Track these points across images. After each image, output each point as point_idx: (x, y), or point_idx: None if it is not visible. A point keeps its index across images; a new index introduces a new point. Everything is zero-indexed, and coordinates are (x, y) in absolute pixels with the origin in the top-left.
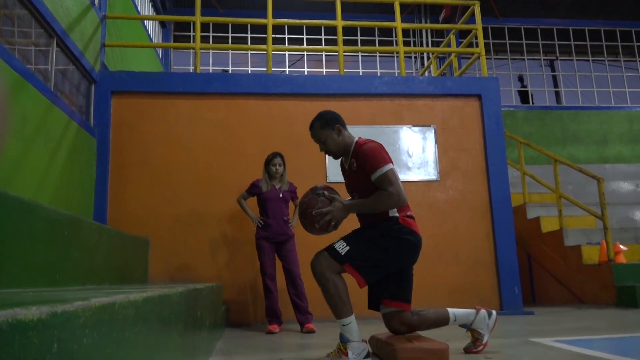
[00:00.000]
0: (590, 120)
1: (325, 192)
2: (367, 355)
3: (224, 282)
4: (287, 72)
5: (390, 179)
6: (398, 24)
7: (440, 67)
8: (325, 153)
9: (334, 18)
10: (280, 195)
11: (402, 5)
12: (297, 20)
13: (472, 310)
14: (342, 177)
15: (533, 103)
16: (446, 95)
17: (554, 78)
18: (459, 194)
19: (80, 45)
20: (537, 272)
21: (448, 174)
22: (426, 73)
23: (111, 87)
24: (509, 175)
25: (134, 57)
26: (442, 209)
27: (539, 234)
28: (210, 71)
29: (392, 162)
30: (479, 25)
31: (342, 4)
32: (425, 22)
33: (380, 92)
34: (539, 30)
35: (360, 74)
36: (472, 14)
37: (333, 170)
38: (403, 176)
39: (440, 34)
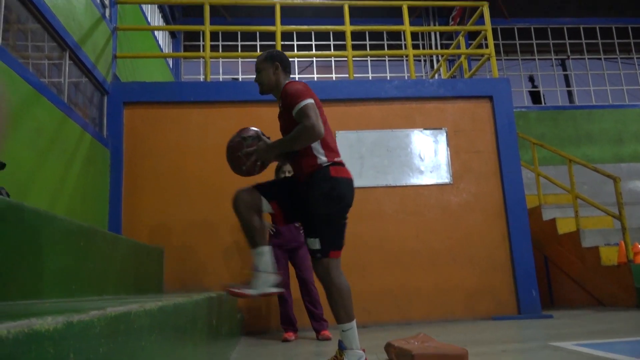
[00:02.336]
0: (604, 119)
1: (252, 134)
2: (274, 286)
3: None
4: (297, 79)
5: (306, 112)
6: (407, 28)
7: (450, 69)
8: (257, 85)
9: (342, 23)
10: None
11: (410, 9)
12: (305, 27)
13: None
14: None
15: (545, 103)
16: (457, 97)
17: (566, 77)
18: (472, 197)
19: (92, 57)
20: (554, 275)
21: (461, 177)
22: (436, 76)
23: (123, 98)
24: (523, 176)
25: (145, 68)
26: (455, 212)
27: (555, 236)
28: (221, 80)
29: (313, 99)
30: (488, 26)
31: (350, 9)
32: (434, 25)
33: (390, 95)
34: (549, 30)
35: (370, 78)
36: (481, 15)
37: None
38: (415, 180)
39: (449, 36)
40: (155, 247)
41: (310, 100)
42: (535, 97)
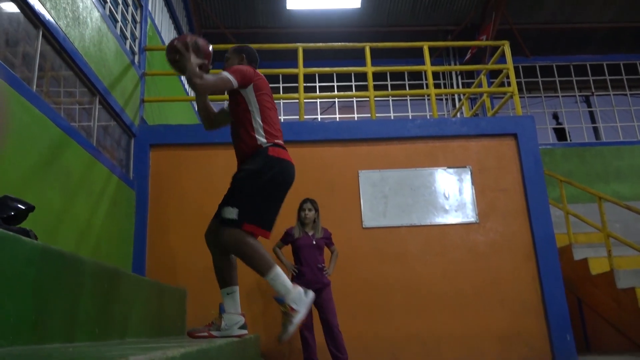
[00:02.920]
0: (634, 155)
1: (189, 42)
2: (243, 327)
3: (260, 333)
4: (319, 119)
5: (217, 76)
6: (428, 68)
7: (471, 108)
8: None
9: (364, 64)
10: (314, 242)
11: (430, 49)
12: (327, 69)
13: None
14: (377, 223)
15: (570, 140)
16: (481, 135)
17: (591, 114)
18: (500, 236)
19: (121, 101)
20: (589, 318)
21: (487, 216)
22: (458, 114)
23: (150, 141)
24: (551, 215)
25: (171, 110)
26: (483, 253)
27: (588, 276)
28: None
29: (236, 75)
30: (510, 65)
31: (371, 50)
32: (454, 64)
33: (413, 135)
34: (571, 67)
35: (392, 117)
36: (502, 54)
37: (369, 215)
38: (440, 219)
39: (470, 74)
40: (178, 289)
41: (227, 73)
42: (561, 134)
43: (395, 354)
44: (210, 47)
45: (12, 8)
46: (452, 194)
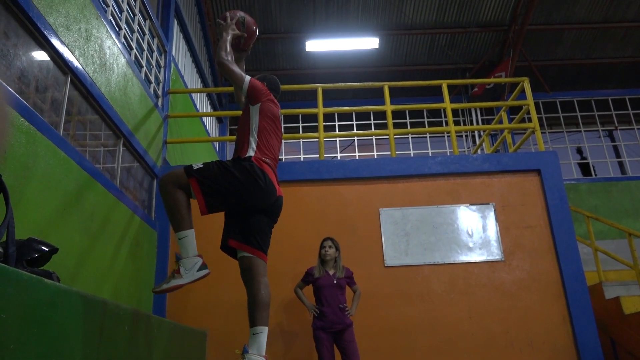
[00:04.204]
0: None
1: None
2: (202, 268)
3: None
4: (339, 158)
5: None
6: (447, 105)
7: (493, 145)
8: None
9: (382, 103)
10: (335, 282)
11: (449, 86)
12: (346, 108)
13: None
14: (400, 261)
15: (596, 175)
16: (503, 171)
17: (615, 148)
18: (526, 275)
19: (144, 143)
20: (623, 359)
21: (513, 254)
22: (479, 151)
23: None
24: (580, 252)
25: (193, 151)
26: (510, 291)
27: (620, 316)
28: None
29: (253, 83)
30: (530, 101)
31: (390, 88)
32: (473, 101)
33: (434, 172)
34: (592, 102)
35: (412, 154)
36: (522, 91)
37: (390, 254)
38: (464, 257)
39: (489, 111)
40: (199, 330)
41: (246, 77)
42: (585, 169)
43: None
44: (256, 28)
45: (42, 56)
46: (476, 231)
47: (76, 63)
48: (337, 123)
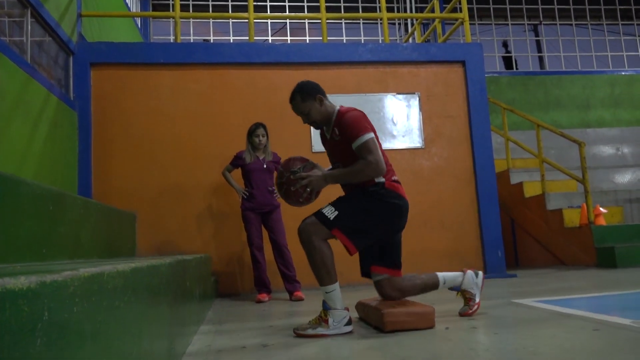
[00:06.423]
0: (573, 85)
1: (299, 165)
2: (349, 323)
3: (212, 254)
4: (270, 41)
5: (369, 147)
6: None
7: (424, 33)
8: (309, 124)
9: None
10: (264, 166)
11: None
12: None
13: (460, 273)
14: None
15: (517, 69)
16: (430, 62)
17: (538, 43)
18: (443, 162)
19: (55, 15)
20: (520, 236)
21: (433, 142)
22: (410, 40)
23: (90, 59)
24: (493, 141)
25: (112, 28)
26: (427, 177)
27: (522, 199)
28: (192, 41)
29: (373, 131)
30: None
31: None
32: None
33: (364, 59)
34: None
35: (344, 41)
36: None
37: (318, 139)
38: (388, 144)
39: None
40: (128, 212)
41: (372, 135)
42: (508, 62)
43: (340, 270)
44: (297, 160)
45: None
46: (400, 120)
47: None
48: (268, 4)
